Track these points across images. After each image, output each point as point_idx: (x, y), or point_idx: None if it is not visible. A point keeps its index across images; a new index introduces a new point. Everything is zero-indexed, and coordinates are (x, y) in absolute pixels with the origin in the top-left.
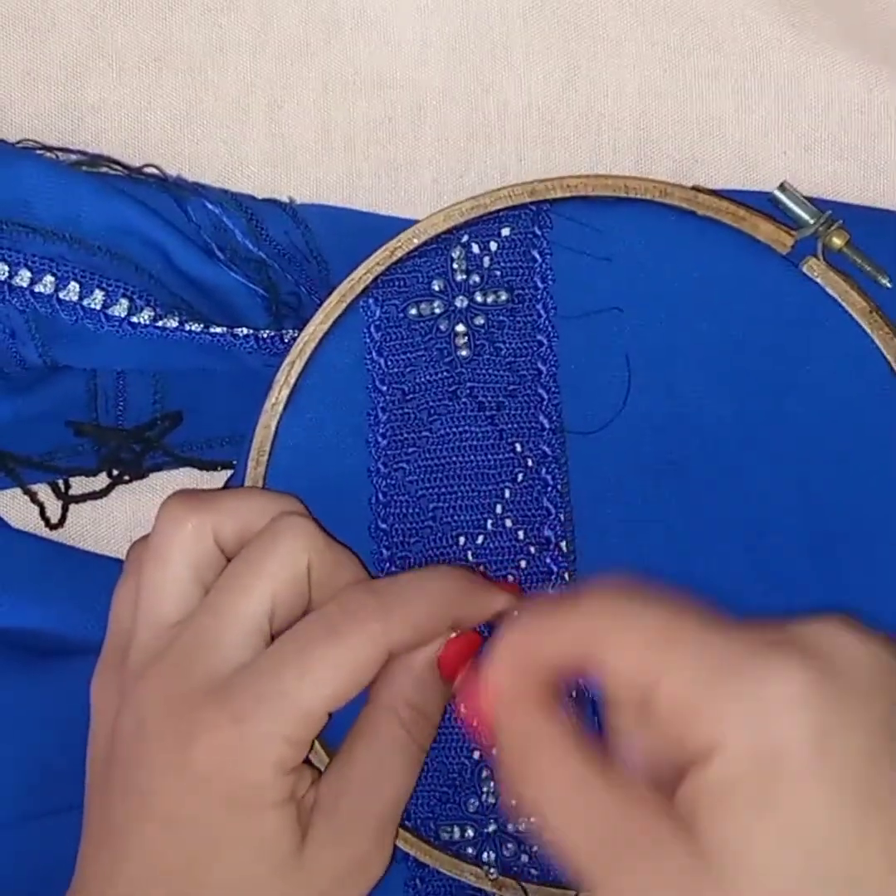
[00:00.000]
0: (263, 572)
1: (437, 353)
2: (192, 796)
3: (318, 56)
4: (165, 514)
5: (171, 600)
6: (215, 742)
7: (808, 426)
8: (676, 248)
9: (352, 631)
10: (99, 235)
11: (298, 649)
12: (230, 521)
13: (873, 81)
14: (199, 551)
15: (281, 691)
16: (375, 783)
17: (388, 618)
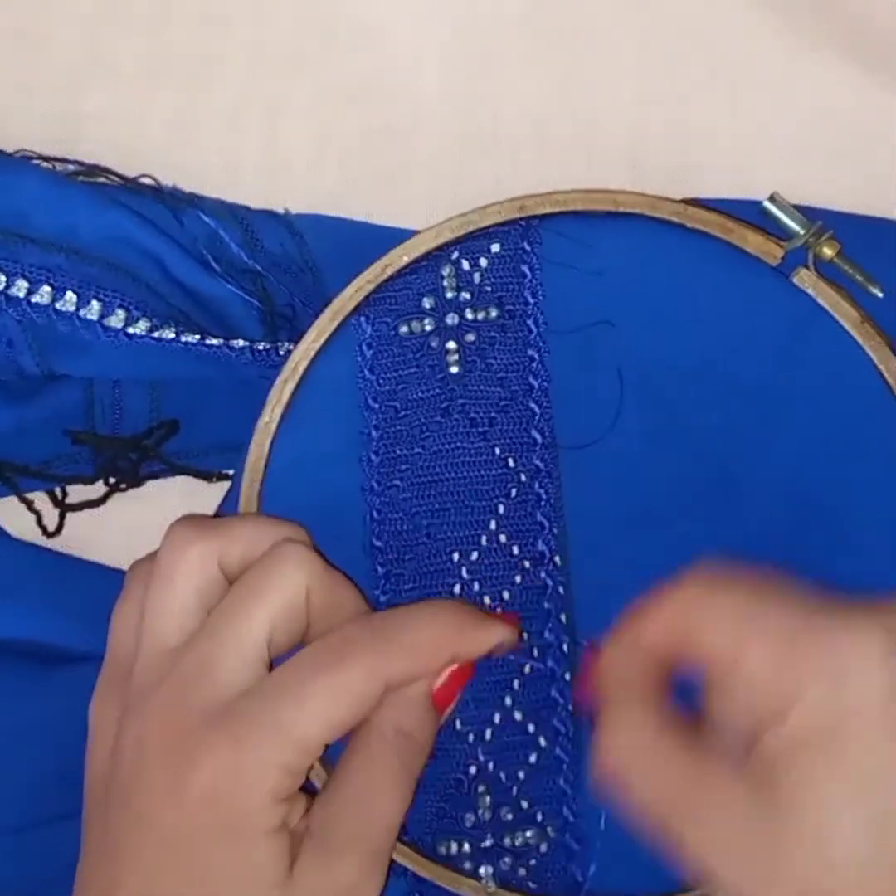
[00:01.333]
0: (263, 598)
1: (428, 370)
2: (189, 819)
3: (313, 66)
4: (172, 537)
5: (175, 624)
6: (214, 765)
7: (800, 437)
8: (666, 262)
9: (351, 663)
10: (96, 246)
11: (298, 679)
12: (235, 548)
13: (867, 88)
14: (203, 576)
15: (279, 719)
16: (364, 809)
17: (387, 651)
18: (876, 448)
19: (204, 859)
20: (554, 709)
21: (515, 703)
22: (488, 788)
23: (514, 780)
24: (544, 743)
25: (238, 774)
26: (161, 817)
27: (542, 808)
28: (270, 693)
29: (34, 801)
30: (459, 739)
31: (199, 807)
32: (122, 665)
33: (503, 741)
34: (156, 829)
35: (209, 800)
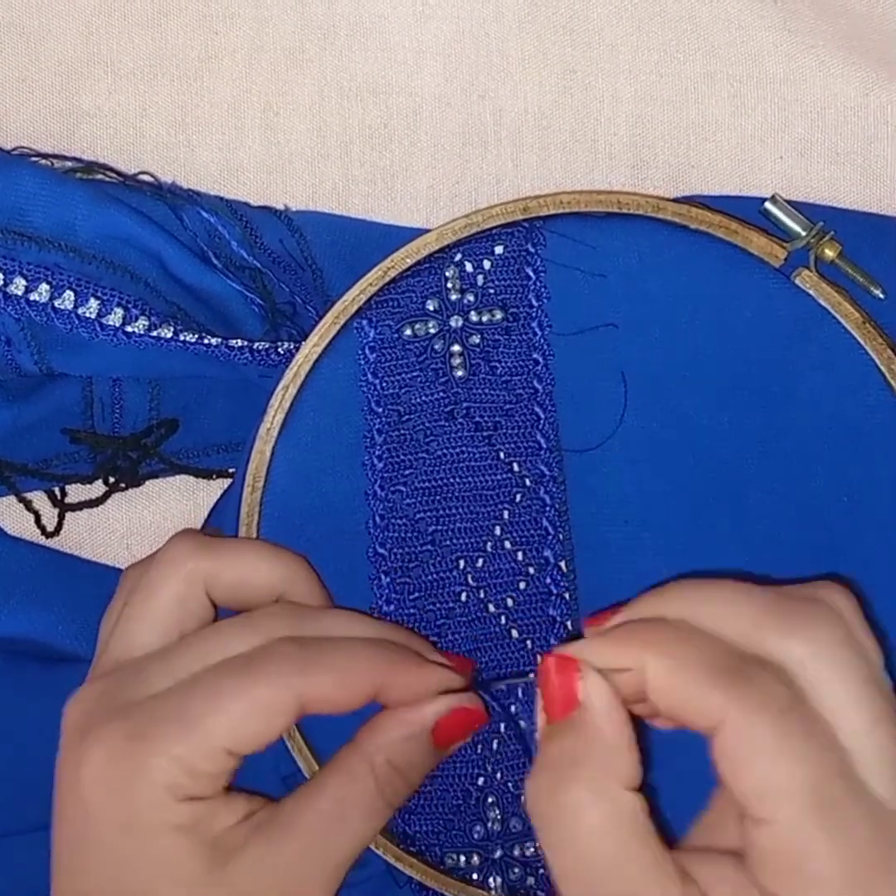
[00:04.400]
0: (223, 643)
1: (432, 374)
2: (87, 818)
3: (313, 63)
4: (168, 550)
5: (141, 635)
6: (104, 759)
7: (803, 437)
8: (670, 263)
9: (268, 671)
10: (94, 243)
11: (211, 680)
12: (227, 573)
13: (869, 85)
14: (186, 596)
15: (183, 715)
16: (330, 829)
17: (306, 668)
18: (878, 448)
19: (112, 856)
20: None
21: (520, 713)
22: (497, 800)
23: (522, 790)
24: None
25: (132, 768)
26: (66, 818)
27: None
28: (182, 691)
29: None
30: (467, 751)
31: (95, 801)
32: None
33: (510, 751)
34: (66, 826)
35: (104, 793)
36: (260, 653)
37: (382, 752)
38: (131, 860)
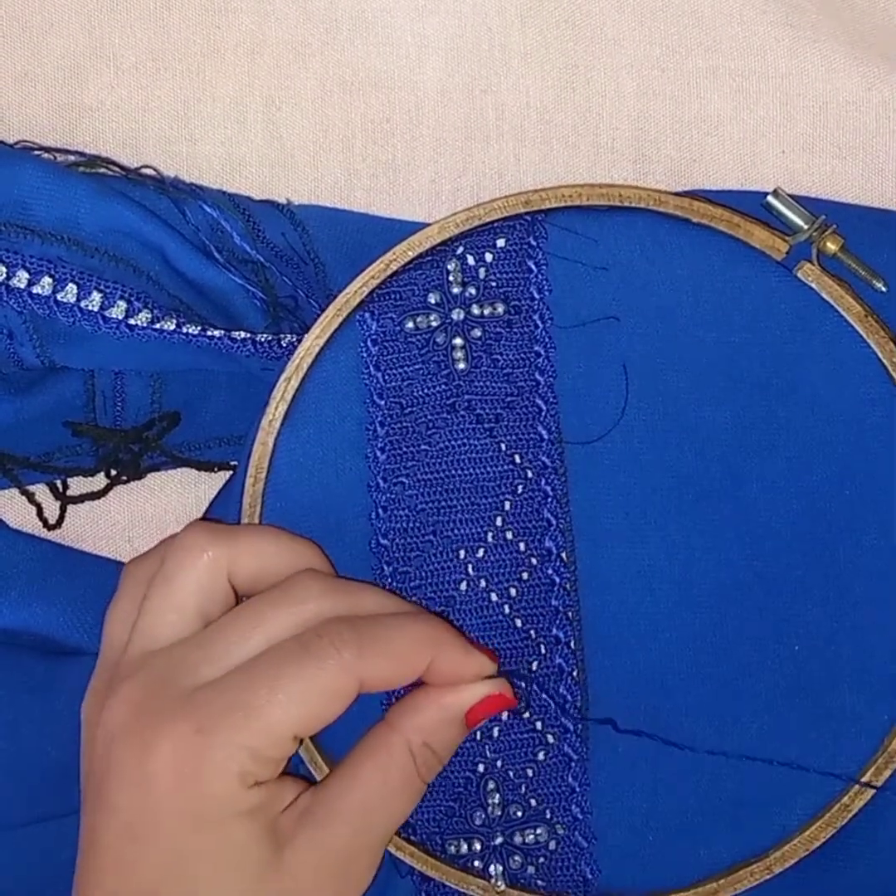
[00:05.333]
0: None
1: (434, 366)
2: (154, 809)
3: (315, 57)
4: (184, 540)
5: (168, 626)
6: (175, 753)
7: (806, 430)
8: (672, 256)
9: (326, 656)
10: (97, 237)
11: (271, 666)
12: (247, 560)
13: (871, 80)
14: (209, 583)
15: (249, 704)
16: (374, 809)
17: (363, 650)
18: (880, 441)
19: (177, 847)
20: (563, 706)
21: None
22: (497, 786)
23: (522, 777)
24: (552, 740)
25: (203, 760)
26: (128, 807)
27: (551, 805)
28: (241, 680)
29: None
30: (467, 737)
31: (163, 793)
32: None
33: (511, 739)
34: (124, 820)
35: (173, 788)
36: (315, 637)
37: (420, 734)
38: (199, 851)
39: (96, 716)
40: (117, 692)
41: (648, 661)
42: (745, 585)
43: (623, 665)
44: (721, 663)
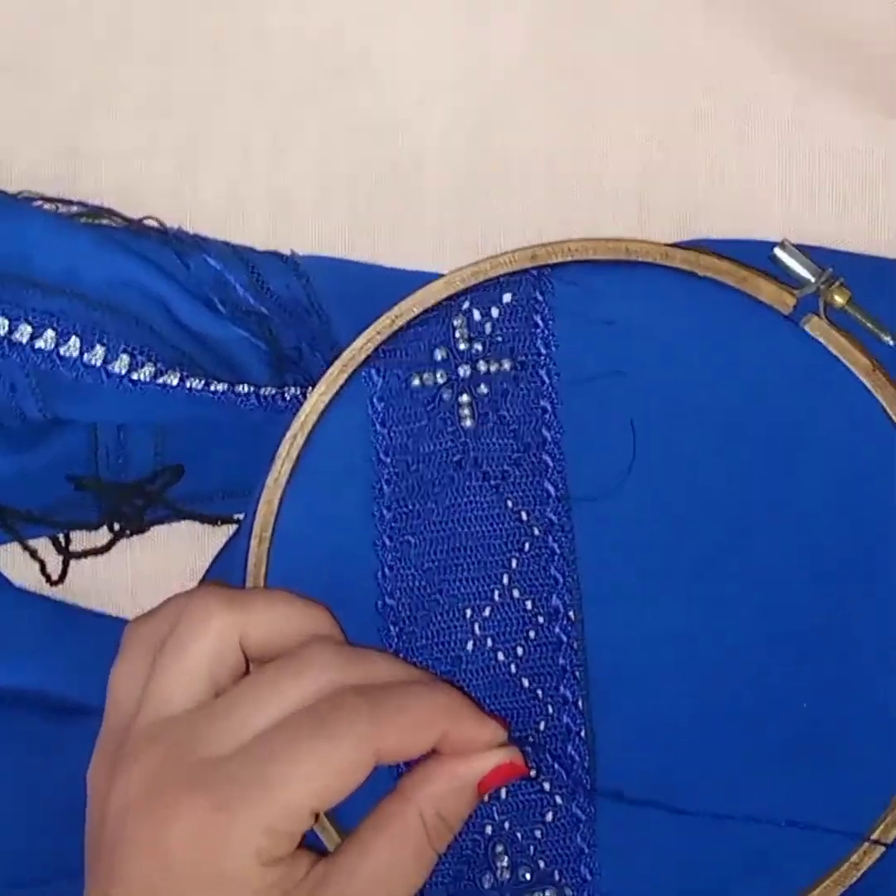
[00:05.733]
0: (281, 695)
1: (440, 423)
2: (171, 884)
3: (320, 102)
4: (195, 604)
5: (180, 692)
6: (193, 829)
7: (813, 486)
8: (678, 310)
9: (342, 730)
10: (99, 289)
11: (287, 742)
12: (259, 626)
13: (877, 128)
14: (221, 649)
15: (266, 782)
16: (387, 881)
17: (379, 722)
18: (888, 497)
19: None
20: (570, 766)
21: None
22: (506, 848)
23: (531, 838)
24: (560, 801)
25: (220, 838)
26: (141, 880)
27: (560, 867)
28: (258, 754)
29: (41, 858)
30: None
31: (179, 871)
32: (120, 729)
33: (519, 800)
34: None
35: (189, 864)
36: (330, 709)
37: (432, 804)
38: None
39: (104, 781)
40: (132, 762)
41: (656, 721)
42: (753, 644)
43: (631, 724)
44: (729, 723)
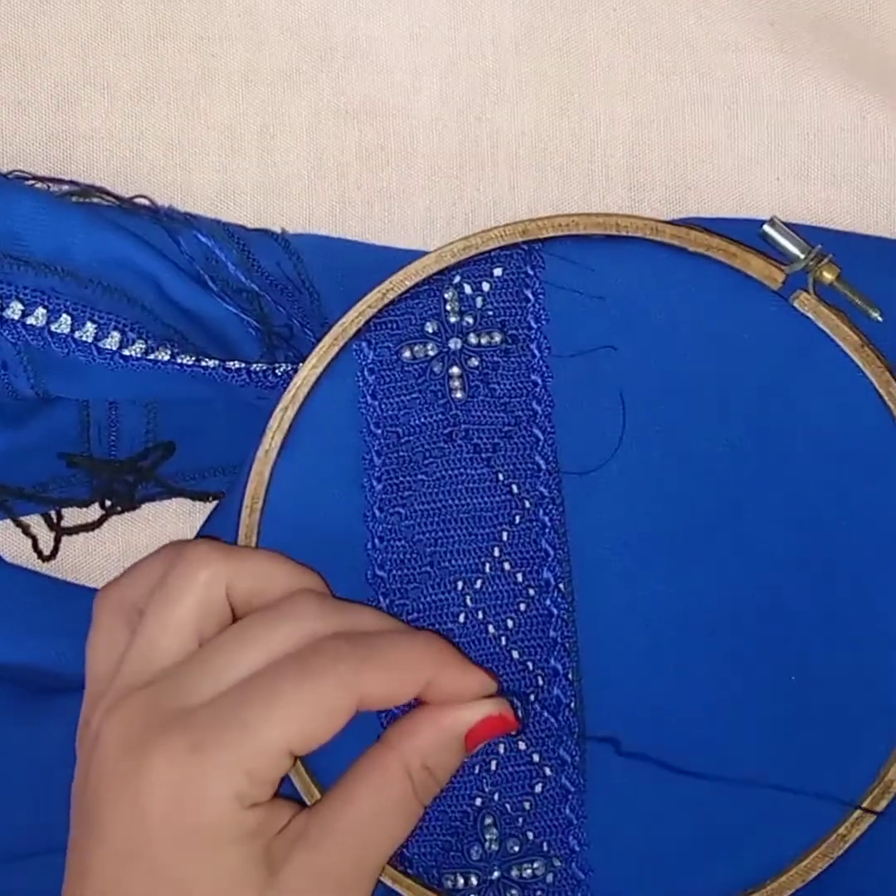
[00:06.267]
0: (264, 642)
1: (431, 396)
2: (148, 832)
3: (309, 85)
4: (188, 555)
5: (167, 641)
6: (169, 772)
7: (801, 460)
8: (668, 285)
9: (324, 672)
10: (90, 267)
11: (267, 684)
12: (247, 577)
13: (865, 107)
14: (209, 599)
15: (245, 723)
16: (369, 832)
17: (362, 665)
18: (876, 471)
19: (170, 874)
20: (560, 738)
21: (520, 733)
22: (495, 820)
23: (520, 810)
24: (550, 772)
25: (197, 782)
26: (119, 831)
27: (549, 838)
28: (238, 697)
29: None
30: (465, 771)
31: (157, 817)
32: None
33: (508, 772)
34: (115, 844)
35: (167, 809)
36: (313, 653)
37: (419, 755)
38: (194, 877)
39: (89, 745)
40: (114, 710)
41: (646, 692)
42: (742, 615)
43: (620, 696)
44: (718, 693)
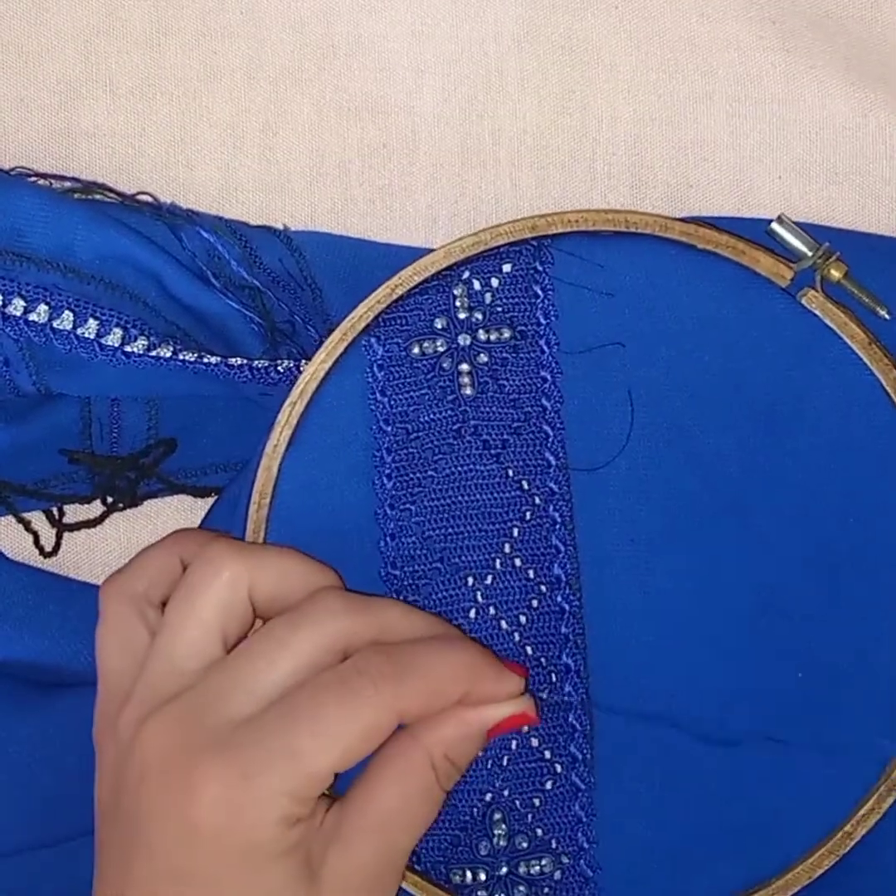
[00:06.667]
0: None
1: (440, 392)
2: (197, 850)
3: (312, 82)
4: (208, 555)
5: (189, 643)
6: (220, 796)
7: (809, 457)
8: (677, 282)
9: (366, 694)
10: (93, 264)
11: (311, 707)
12: (269, 579)
13: (867, 105)
14: (230, 600)
15: (292, 749)
16: (398, 823)
17: (403, 684)
18: (884, 468)
19: (217, 889)
20: (571, 735)
21: (532, 728)
22: (504, 816)
23: (529, 807)
24: (560, 769)
25: (247, 806)
26: (168, 850)
27: (557, 835)
28: (282, 721)
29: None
30: (476, 766)
31: (207, 838)
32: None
33: (519, 768)
34: (164, 863)
35: (217, 831)
36: (353, 673)
37: (442, 747)
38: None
39: (111, 745)
40: (149, 722)
41: (654, 689)
42: (749, 612)
43: (629, 693)
44: (727, 688)
